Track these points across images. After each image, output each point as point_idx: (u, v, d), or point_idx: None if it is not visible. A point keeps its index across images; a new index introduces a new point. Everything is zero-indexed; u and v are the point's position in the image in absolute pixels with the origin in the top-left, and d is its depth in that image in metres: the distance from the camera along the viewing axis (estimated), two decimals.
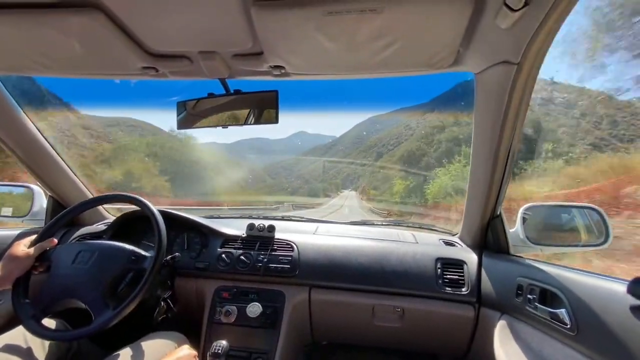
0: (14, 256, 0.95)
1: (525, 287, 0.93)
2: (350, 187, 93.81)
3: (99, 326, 0.88)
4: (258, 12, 0.69)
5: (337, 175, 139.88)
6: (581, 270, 0.86)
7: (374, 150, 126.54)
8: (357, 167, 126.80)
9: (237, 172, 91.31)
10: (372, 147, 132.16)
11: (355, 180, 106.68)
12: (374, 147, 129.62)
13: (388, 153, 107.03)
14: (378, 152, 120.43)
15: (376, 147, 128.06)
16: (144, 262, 1.01)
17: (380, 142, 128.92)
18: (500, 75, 0.83)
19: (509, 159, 1.00)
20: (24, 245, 0.98)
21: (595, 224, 1.08)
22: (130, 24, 0.76)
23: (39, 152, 1.33)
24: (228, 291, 1.23)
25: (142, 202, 1.10)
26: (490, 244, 1.21)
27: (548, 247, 1.14)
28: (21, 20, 0.75)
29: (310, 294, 1.22)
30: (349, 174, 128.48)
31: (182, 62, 0.93)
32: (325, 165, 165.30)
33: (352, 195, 26.13)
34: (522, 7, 0.61)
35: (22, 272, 0.95)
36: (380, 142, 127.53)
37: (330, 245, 1.30)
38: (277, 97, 1.00)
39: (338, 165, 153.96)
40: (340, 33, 0.75)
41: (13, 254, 0.95)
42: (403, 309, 1.18)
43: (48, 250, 1.01)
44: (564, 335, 0.78)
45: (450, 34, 0.75)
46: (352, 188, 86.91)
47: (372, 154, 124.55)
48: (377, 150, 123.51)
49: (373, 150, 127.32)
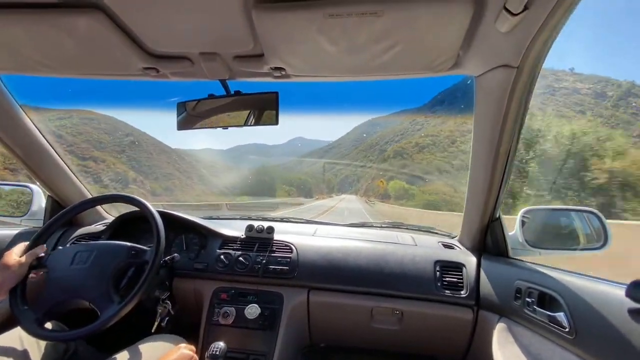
0: (6, 265, 0.92)
1: (524, 290, 0.93)
2: (350, 190, 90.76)
3: (105, 321, 0.88)
4: (259, 14, 0.70)
5: (336, 176, 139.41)
6: (580, 273, 0.86)
7: (375, 148, 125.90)
8: (357, 169, 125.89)
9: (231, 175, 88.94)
10: (373, 146, 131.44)
11: (354, 182, 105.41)
12: (375, 146, 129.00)
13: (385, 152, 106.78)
14: (380, 149, 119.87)
15: (377, 145, 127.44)
16: (145, 255, 1.01)
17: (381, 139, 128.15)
18: (500, 79, 0.84)
19: (508, 162, 1.00)
20: (16, 254, 0.96)
21: (594, 227, 1.09)
22: (131, 24, 0.76)
23: (38, 152, 1.33)
24: (226, 292, 1.22)
25: (140, 203, 1.10)
26: (489, 246, 1.21)
27: (547, 250, 1.14)
28: (21, 19, 0.75)
29: (309, 295, 1.21)
30: (347, 175, 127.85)
31: (183, 63, 0.93)
32: (325, 166, 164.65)
33: (353, 199, 24.92)
34: (522, 11, 0.62)
35: (15, 282, 0.92)
36: (382, 140, 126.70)
37: (329, 247, 1.29)
38: (277, 98, 1.00)
39: (335, 167, 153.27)
40: (341, 35, 0.75)
41: (5, 264, 0.92)
42: (402, 311, 1.17)
43: (42, 257, 1.00)
44: (562, 338, 0.78)
45: (451, 37, 0.75)
46: (351, 191, 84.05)
47: (373, 153, 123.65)
48: (379, 148, 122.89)
49: (374, 149, 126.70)
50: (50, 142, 1.35)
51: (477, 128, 1.01)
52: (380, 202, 50.35)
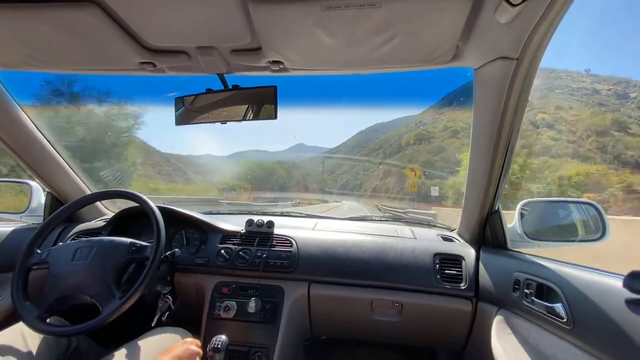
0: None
1: (522, 281, 0.94)
2: (352, 194, 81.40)
3: (107, 316, 0.89)
4: (256, 7, 0.69)
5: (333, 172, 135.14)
6: (577, 265, 0.87)
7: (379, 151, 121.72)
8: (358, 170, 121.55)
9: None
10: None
11: (357, 187, 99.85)
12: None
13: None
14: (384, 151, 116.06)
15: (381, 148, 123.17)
16: (145, 250, 1.01)
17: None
18: (499, 71, 0.83)
19: (508, 154, 1.00)
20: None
21: (592, 219, 1.09)
22: (127, 18, 0.76)
23: (37, 149, 1.33)
24: (227, 287, 1.23)
25: (140, 199, 1.10)
26: (488, 239, 1.22)
27: (545, 242, 1.15)
28: (17, 15, 0.74)
29: (309, 289, 1.22)
30: (348, 180, 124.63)
31: (180, 57, 0.92)
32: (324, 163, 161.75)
33: (355, 207, 20.20)
34: (521, 1, 0.61)
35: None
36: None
37: (329, 240, 1.30)
38: (275, 92, 1.00)
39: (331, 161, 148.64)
40: (339, 28, 0.75)
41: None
42: (401, 303, 1.19)
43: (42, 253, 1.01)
44: (560, 329, 0.79)
45: (450, 29, 0.74)
46: (353, 195, 75.08)
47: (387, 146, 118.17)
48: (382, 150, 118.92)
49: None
50: (48, 139, 1.34)
51: (477, 120, 1.01)
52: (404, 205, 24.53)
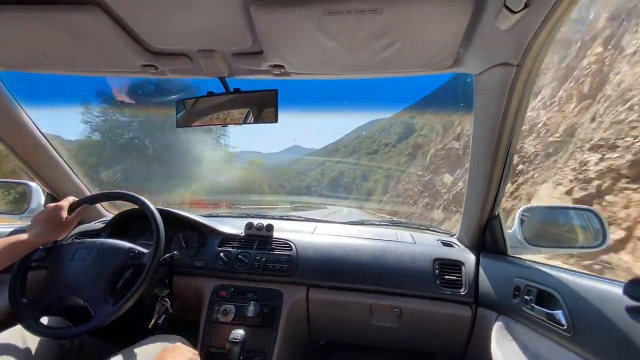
0: (56, 221, 0.95)
1: (523, 288, 0.94)
2: (349, 197, 75.07)
3: (98, 322, 0.88)
4: (258, 11, 0.69)
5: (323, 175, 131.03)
6: (578, 271, 0.87)
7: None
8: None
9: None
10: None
11: (356, 189, 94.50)
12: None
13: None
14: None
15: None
16: (143, 257, 1.01)
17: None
18: (499, 77, 0.83)
19: (508, 160, 1.00)
20: (64, 210, 0.98)
21: (592, 226, 1.09)
22: (130, 21, 0.76)
23: (36, 149, 1.33)
24: (226, 290, 1.23)
25: (140, 200, 1.10)
26: (488, 244, 1.21)
27: (545, 248, 1.15)
28: (19, 16, 0.74)
29: (308, 293, 1.22)
30: (342, 172, 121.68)
31: (182, 60, 0.93)
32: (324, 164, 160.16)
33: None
34: (522, 8, 0.62)
35: (57, 238, 0.97)
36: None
37: (329, 244, 1.30)
38: (276, 96, 1.00)
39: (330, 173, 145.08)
40: (340, 33, 0.75)
41: (55, 219, 0.95)
42: (400, 308, 1.18)
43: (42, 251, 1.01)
44: (560, 336, 0.79)
45: (450, 34, 0.75)
46: (351, 199, 68.32)
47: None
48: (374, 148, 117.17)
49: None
50: (48, 140, 1.34)
51: (477, 126, 1.01)
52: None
